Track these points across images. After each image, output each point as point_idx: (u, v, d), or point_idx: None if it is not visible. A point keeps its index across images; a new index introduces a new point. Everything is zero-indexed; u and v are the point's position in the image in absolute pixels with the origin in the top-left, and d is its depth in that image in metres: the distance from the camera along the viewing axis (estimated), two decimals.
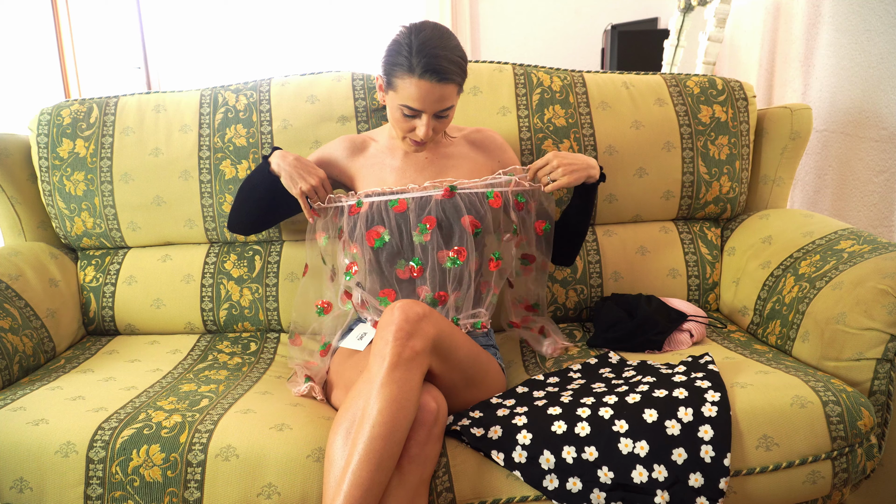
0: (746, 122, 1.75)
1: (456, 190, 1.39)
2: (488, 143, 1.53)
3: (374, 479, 1.03)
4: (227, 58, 4.05)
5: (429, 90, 1.29)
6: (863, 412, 1.18)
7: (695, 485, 1.09)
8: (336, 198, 1.46)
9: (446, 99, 1.31)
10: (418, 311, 1.14)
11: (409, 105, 1.31)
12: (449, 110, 1.34)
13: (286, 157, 1.44)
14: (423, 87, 1.28)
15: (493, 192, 1.42)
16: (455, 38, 1.34)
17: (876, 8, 1.82)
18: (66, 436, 1.17)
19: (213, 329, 1.71)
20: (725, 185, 1.75)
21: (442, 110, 1.33)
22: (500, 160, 1.53)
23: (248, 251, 1.73)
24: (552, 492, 1.12)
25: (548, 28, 4.07)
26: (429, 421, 1.11)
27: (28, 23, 2.89)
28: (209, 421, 1.20)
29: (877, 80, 1.83)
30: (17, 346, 1.45)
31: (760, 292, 1.56)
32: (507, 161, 1.53)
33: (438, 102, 1.31)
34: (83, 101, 1.75)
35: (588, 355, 1.49)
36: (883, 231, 1.82)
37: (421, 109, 1.31)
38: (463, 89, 1.38)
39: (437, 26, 1.33)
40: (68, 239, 1.76)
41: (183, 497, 1.12)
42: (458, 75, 1.31)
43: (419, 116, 1.33)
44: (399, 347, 1.09)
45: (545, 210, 1.50)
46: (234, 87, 1.75)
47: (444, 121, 1.36)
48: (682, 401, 1.15)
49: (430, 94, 1.29)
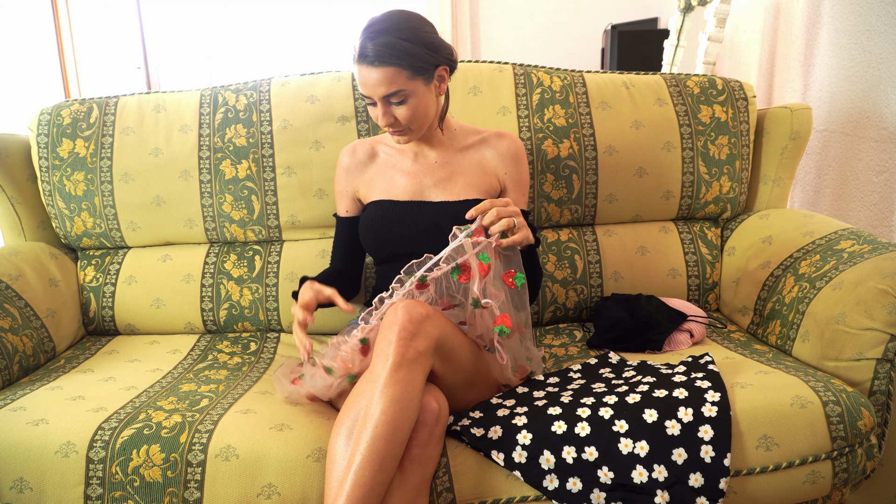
0: (746, 122, 1.75)
1: (426, 281, 1.21)
2: (502, 153, 1.48)
3: (377, 480, 1.03)
4: (227, 58, 4.06)
5: (366, 74, 1.29)
6: (863, 412, 1.18)
7: (695, 485, 1.09)
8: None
9: (389, 83, 1.29)
10: (421, 312, 1.13)
11: (361, 92, 1.33)
12: (400, 94, 1.31)
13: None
14: (361, 72, 1.30)
15: (457, 269, 1.21)
16: (414, 23, 1.31)
17: (876, 8, 1.82)
18: (66, 436, 1.17)
19: (213, 329, 1.71)
20: (725, 185, 1.75)
21: (390, 95, 1.30)
22: (501, 178, 1.48)
23: (248, 251, 1.73)
24: (552, 492, 1.12)
25: (548, 28, 4.07)
26: (431, 421, 1.11)
27: (28, 23, 2.89)
28: (209, 421, 1.20)
29: (877, 80, 1.83)
30: (17, 346, 1.45)
31: (760, 292, 1.56)
32: (505, 181, 1.47)
33: (380, 86, 1.29)
34: (83, 101, 1.75)
35: (588, 355, 1.49)
36: (883, 231, 1.82)
37: (369, 95, 1.32)
38: (431, 77, 1.33)
39: (394, 13, 1.31)
40: (68, 239, 1.76)
41: (183, 497, 1.12)
42: (395, 58, 1.27)
43: (375, 104, 1.33)
44: (402, 348, 1.09)
45: (511, 259, 1.25)
46: (234, 87, 1.75)
47: (401, 108, 1.32)
48: (682, 401, 1.15)
49: (367, 78, 1.29)
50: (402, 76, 1.29)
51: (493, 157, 1.48)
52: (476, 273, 1.19)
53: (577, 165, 1.70)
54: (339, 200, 1.55)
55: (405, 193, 1.46)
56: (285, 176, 1.70)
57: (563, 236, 1.74)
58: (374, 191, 1.49)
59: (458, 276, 1.21)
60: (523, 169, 1.50)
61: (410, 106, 1.33)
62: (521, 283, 1.23)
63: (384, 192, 1.47)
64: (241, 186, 1.70)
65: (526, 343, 1.29)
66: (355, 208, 1.54)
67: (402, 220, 1.43)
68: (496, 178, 1.48)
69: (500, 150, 1.48)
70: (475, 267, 1.19)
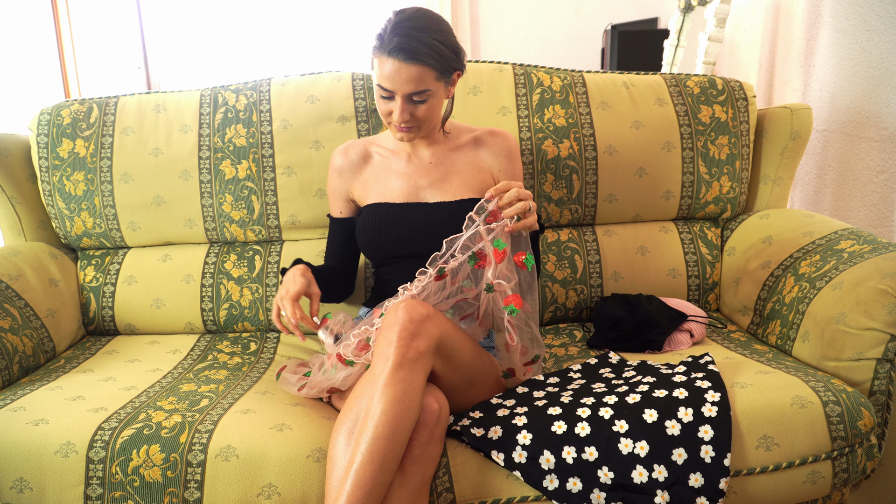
0: (746, 122, 1.75)
1: (444, 273, 1.22)
2: (496, 150, 1.48)
3: (377, 480, 1.03)
4: (227, 58, 4.05)
5: (397, 69, 1.27)
6: (863, 412, 1.18)
7: (695, 485, 1.09)
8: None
9: (418, 81, 1.29)
10: (422, 312, 1.13)
11: (382, 85, 1.30)
12: (424, 94, 1.31)
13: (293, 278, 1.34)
14: (392, 65, 1.27)
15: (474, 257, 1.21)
16: (443, 25, 1.32)
17: (876, 8, 1.82)
18: (66, 436, 1.17)
19: (213, 329, 1.71)
20: (725, 185, 1.75)
21: (415, 93, 1.30)
22: (495, 175, 1.47)
23: (248, 251, 1.73)
24: (552, 492, 1.12)
25: (548, 28, 4.06)
26: (431, 422, 1.11)
27: (28, 23, 2.89)
28: (209, 421, 1.20)
29: (877, 80, 1.83)
30: (17, 346, 1.45)
31: (760, 292, 1.56)
32: (499, 178, 1.47)
33: (409, 84, 1.28)
34: (83, 101, 1.75)
35: (588, 355, 1.49)
36: (883, 231, 1.82)
37: (392, 90, 1.30)
38: (450, 80, 1.35)
39: (423, 11, 1.31)
40: (68, 239, 1.76)
41: (183, 497, 1.12)
42: (431, 58, 1.27)
43: (393, 98, 1.31)
44: (403, 348, 1.09)
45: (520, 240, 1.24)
46: (234, 87, 1.75)
47: (421, 107, 1.33)
48: (682, 401, 1.15)
49: (398, 73, 1.27)
50: (431, 76, 1.30)
51: (487, 155, 1.48)
52: (492, 259, 1.19)
53: (577, 165, 1.70)
54: (332, 201, 1.55)
55: (401, 195, 1.46)
56: (285, 176, 1.70)
57: (563, 236, 1.74)
58: (369, 194, 1.48)
59: (475, 265, 1.22)
60: (517, 165, 1.50)
61: (429, 106, 1.34)
62: (531, 265, 1.24)
63: (380, 195, 1.47)
64: (241, 186, 1.70)
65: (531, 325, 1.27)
66: (349, 209, 1.54)
67: (398, 222, 1.43)
68: (490, 176, 1.48)
69: (494, 148, 1.48)
70: (490, 254, 1.20)
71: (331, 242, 1.57)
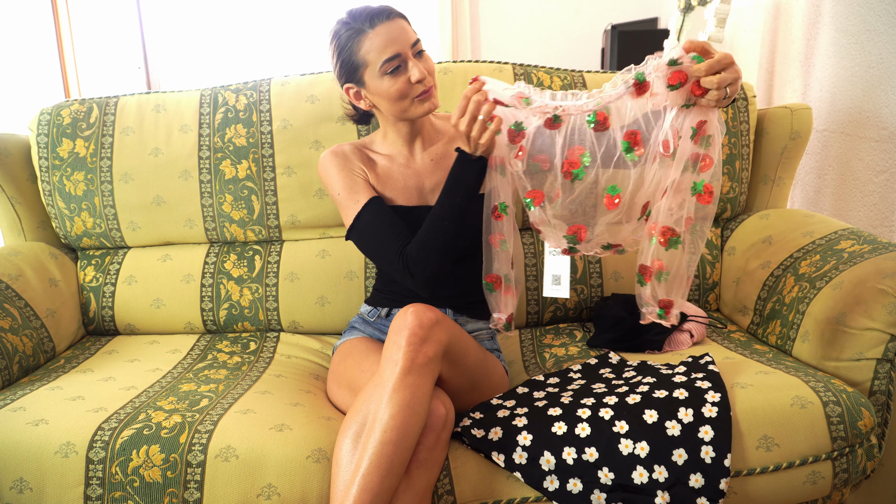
0: (746, 122, 1.75)
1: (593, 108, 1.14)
2: None
3: (384, 485, 1.03)
4: (227, 58, 4.05)
5: (389, 28, 1.27)
6: (863, 412, 1.18)
7: (695, 485, 1.09)
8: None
9: (409, 32, 1.30)
10: (431, 317, 1.13)
11: (387, 58, 1.27)
12: (419, 44, 1.31)
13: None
14: (383, 31, 1.27)
15: (594, 118, 1.13)
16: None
17: (876, 8, 1.82)
18: (65, 436, 1.17)
19: (213, 329, 1.71)
20: (725, 185, 1.75)
21: (414, 44, 1.30)
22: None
23: (248, 251, 1.73)
24: (553, 493, 1.12)
25: (548, 28, 4.07)
26: (438, 426, 1.11)
27: (28, 23, 2.88)
28: (209, 421, 1.20)
29: (877, 80, 1.82)
30: (16, 346, 1.45)
31: (760, 292, 1.56)
32: None
33: (405, 36, 1.29)
34: (83, 101, 1.75)
35: (588, 355, 1.49)
36: (883, 231, 1.82)
37: (398, 51, 1.27)
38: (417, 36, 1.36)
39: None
40: (68, 239, 1.76)
41: (183, 497, 1.12)
42: (399, 13, 1.31)
43: (405, 63, 1.29)
44: (412, 353, 1.09)
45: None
46: (234, 87, 1.75)
47: (426, 58, 1.32)
48: (682, 401, 1.15)
49: (393, 30, 1.27)
50: (411, 28, 1.32)
51: None
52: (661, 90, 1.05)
53: None
54: (351, 193, 1.36)
55: (405, 199, 1.41)
56: (285, 176, 1.70)
57: None
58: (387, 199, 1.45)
59: (593, 126, 1.12)
60: None
61: (427, 56, 1.33)
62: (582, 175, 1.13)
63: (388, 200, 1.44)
64: (241, 186, 1.70)
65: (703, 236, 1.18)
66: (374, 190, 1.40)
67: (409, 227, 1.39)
68: None
69: None
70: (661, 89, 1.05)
71: (387, 224, 1.33)
